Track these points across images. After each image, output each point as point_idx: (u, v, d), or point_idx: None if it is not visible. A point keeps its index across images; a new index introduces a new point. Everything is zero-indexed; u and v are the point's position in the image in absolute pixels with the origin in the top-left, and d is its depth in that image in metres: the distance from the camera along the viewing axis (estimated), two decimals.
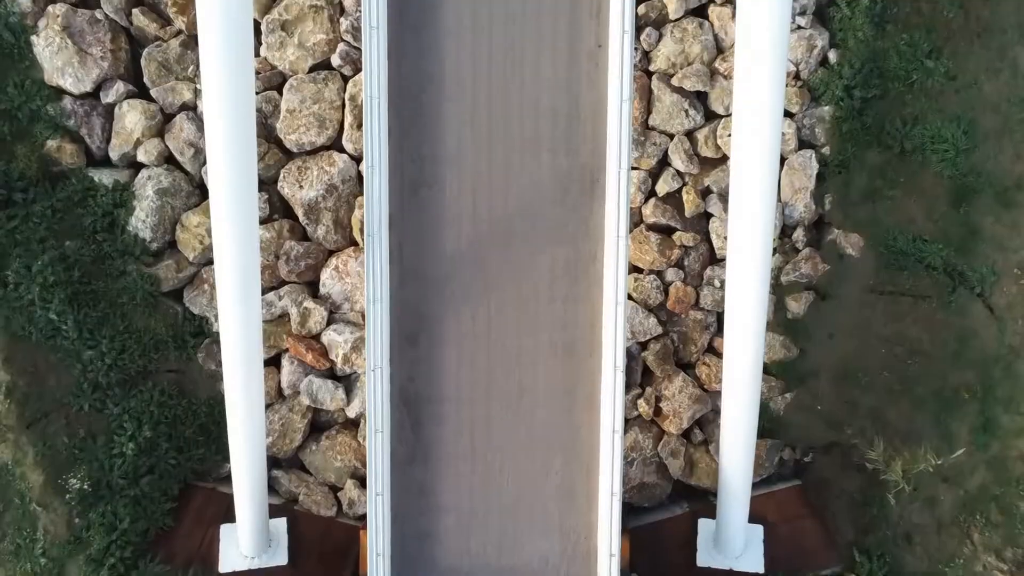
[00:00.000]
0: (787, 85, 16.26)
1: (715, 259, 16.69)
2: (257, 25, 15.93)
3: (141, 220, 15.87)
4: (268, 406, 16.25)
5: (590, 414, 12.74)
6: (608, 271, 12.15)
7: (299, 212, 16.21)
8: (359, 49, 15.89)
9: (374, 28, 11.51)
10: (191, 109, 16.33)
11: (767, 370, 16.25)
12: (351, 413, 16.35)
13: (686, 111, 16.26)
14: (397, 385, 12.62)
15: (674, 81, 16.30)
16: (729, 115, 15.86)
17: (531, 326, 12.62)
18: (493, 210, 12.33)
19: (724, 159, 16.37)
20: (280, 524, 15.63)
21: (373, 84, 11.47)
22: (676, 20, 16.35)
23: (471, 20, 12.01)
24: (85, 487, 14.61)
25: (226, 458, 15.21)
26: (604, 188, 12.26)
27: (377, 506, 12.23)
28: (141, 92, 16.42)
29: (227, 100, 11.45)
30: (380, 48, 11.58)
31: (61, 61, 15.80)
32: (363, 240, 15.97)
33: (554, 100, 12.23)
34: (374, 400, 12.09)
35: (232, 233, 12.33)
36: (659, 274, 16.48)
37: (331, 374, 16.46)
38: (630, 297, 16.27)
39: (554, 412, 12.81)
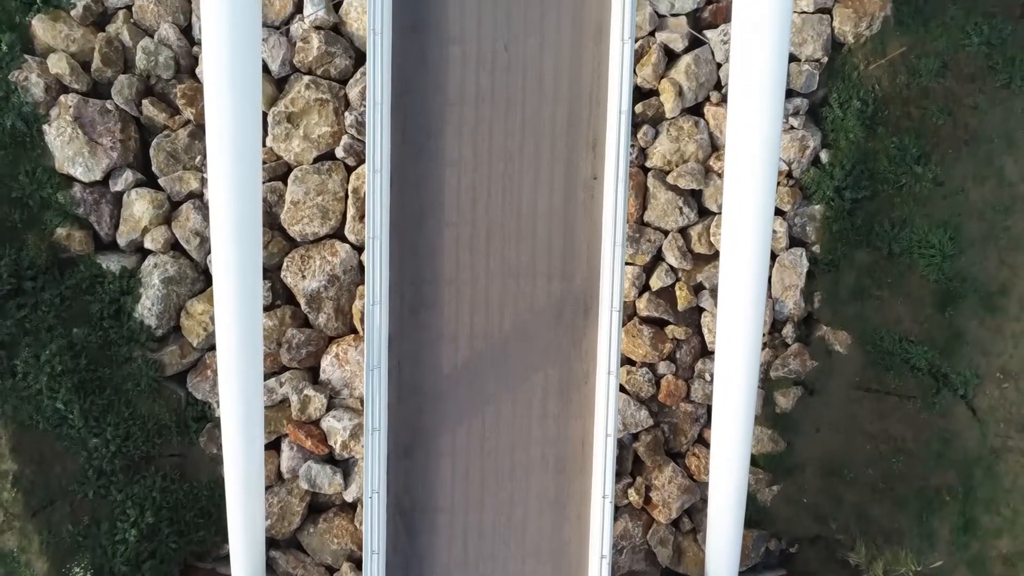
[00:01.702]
0: (779, 184, 16.73)
1: (707, 352, 17.08)
2: (264, 116, 16.33)
3: (147, 308, 16.27)
4: (267, 488, 16.63)
5: (579, 529, 13.13)
6: (599, 403, 12.55)
7: (301, 301, 16.60)
8: (363, 141, 16.33)
9: (377, 171, 11.91)
10: (198, 197, 16.73)
11: (755, 462, 16.65)
12: (348, 497, 16.75)
13: (680, 209, 16.67)
14: (393, 495, 13.01)
15: (669, 179, 16.71)
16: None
17: (524, 441, 13.01)
18: (489, 331, 12.74)
19: (716, 255, 16.64)
20: None
21: (376, 223, 11.87)
22: (672, 119, 16.77)
23: (472, 153, 12.43)
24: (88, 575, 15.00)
25: (226, 539, 15.56)
26: (597, 312, 12.67)
27: None
28: (149, 179, 16.82)
29: (234, 191, 11.59)
30: (383, 190, 11.98)
31: (72, 151, 16.20)
32: (363, 328, 16.47)
33: (550, 227, 12.65)
34: (371, 522, 12.45)
35: (236, 323, 12.58)
36: (651, 367, 16.88)
37: (330, 458, 16.85)
38: (623, 389, 16.67)
39: (544, 525, 13.20)
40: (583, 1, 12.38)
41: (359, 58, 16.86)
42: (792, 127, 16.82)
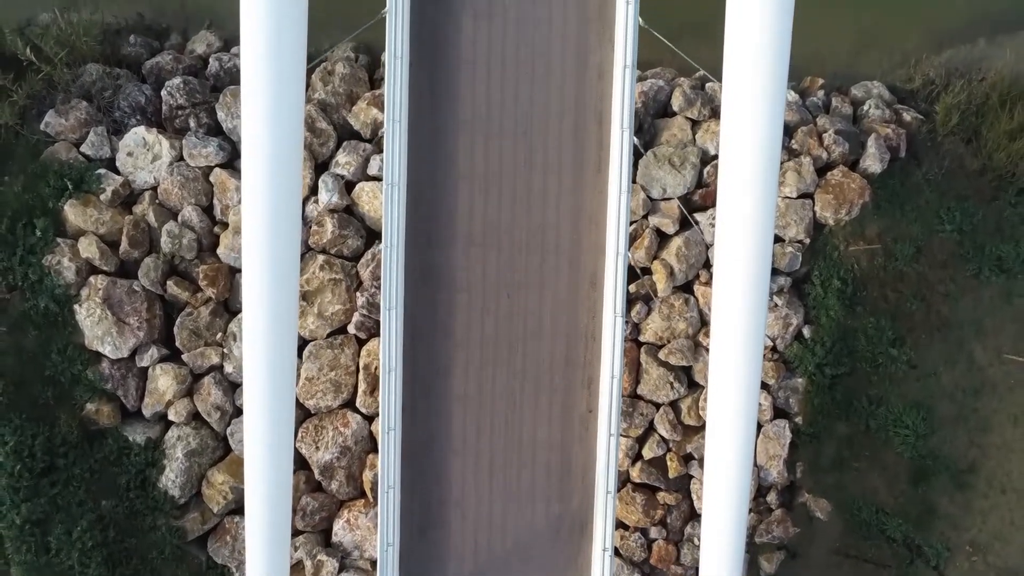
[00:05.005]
0: (764, 358, 17.82)
1: (696, 516, 18.14)
2: None
3: (171, 480, 17.33)
4: None
5: None
6: None
7: (315, 470, 17.67)
8: (373, 319, 17.44)
9: (391, 430, 13.06)
10: (218, 370, 17.81)
11: None
12: None
13: (671, 384, 17.77)
14: None
15: (661, 355, 17.81)
16: None
17: None
18: (492, 548, 13.82)
19: (704, 427, 17.83)
20: None
21: (389, 473, 12.99)
22: (664, 297, 17.87)
23: (477, 390, 13.58)
24: None
25: None
26: (592, 532, 13.77)
27: None
28: (172, 352, 17.86)
29: (269, 374, 12.19)
30: (396, 446, 13.11)
31: (101, 331, 17.27)
32: (372, 495, 17.53)
33: (548, 456, 13.78)
34: None
35: (266, 499, 13.37)
36: (643, 531, 17.97)
37: None
38: (617, 553, 17.75)
39: None
40: (579, 254, 13.52)
41: (369, 237, 18.00)
42: (776, 304, 17.93)
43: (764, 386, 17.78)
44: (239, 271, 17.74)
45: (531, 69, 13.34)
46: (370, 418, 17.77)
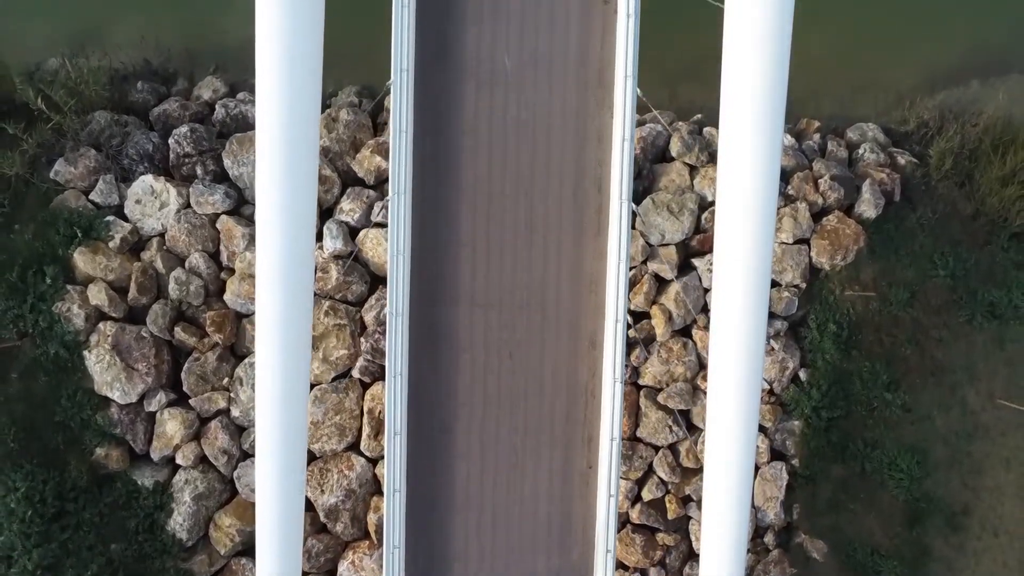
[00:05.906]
0: (761, 401, 18.14)
1: (694, 556, 18.46)
2: None
3: (179, 523, 17.65)
4: None
5: None
6: None
7: (320, 512, 17.98)
8: (376, 363, 17.78)
9: (397, 491, 13.39)
10: (225, 414, 18.13)
11: None
12: None
13: (670, 427, 18.09)
14: None
15: (660, 398, 18.13)
16: None
17: None
18: None
19: (703, 468, 18.15)
20: None
21: (394, 533, 13.31)
22: (663, 342, 18.20)
23: (480, 446, 13.91)
24: None
25: None
26: None
27: None
28: (179, 396, 18.18)
29: (281, 429, 12.35)
30: (402, 508, 13.44)
31: (110, 376, 17.58)
32: (376, 537, 17.87)
33: (549, 510, 14.12)
34: None
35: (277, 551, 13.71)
36: (643, 572, 18.29)
37: None
38: None
39: None
40: (579, 314, 13.85)
41: (374, 282, 18.34)
42: (773, 348, 18.24)
43: (761, 429, 18.09)
44: (245, 317, 18.13)
45: (532, 135, 13.67)
46: (374, 461, 18.09)
